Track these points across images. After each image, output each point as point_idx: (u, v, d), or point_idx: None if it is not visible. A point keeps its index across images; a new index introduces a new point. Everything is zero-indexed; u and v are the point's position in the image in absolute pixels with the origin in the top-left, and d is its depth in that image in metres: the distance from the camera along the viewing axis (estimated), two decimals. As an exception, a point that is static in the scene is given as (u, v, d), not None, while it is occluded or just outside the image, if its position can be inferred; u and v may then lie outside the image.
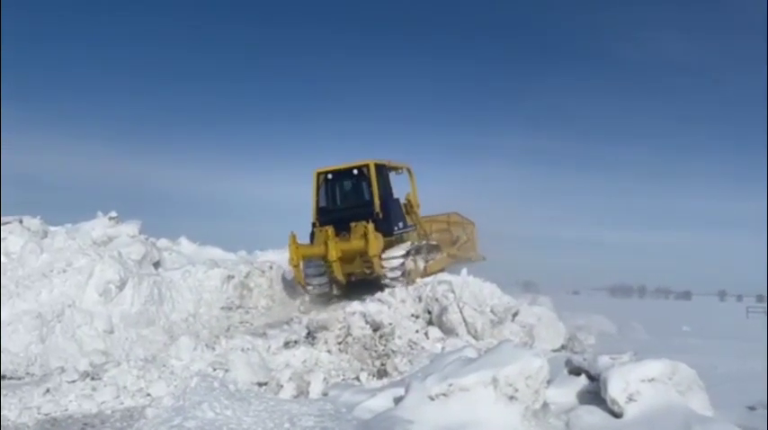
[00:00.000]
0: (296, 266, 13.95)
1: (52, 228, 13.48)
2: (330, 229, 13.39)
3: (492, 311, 11.88)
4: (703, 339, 14.12)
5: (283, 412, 6.61)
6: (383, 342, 10.08)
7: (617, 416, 5.51)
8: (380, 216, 14.05)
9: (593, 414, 5.61)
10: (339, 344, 9.89)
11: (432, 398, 5.67)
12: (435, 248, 16.46)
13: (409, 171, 16.44)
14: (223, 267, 14.05)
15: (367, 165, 14.54)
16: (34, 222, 12.87)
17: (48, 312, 10.43)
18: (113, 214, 14.57)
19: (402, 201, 15.92)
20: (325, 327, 10.21)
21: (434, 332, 11.21)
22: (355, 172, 14.59)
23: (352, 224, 13.64)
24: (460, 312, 11.48)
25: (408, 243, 14.85)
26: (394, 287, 12.99)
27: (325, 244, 13.30)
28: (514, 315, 11.89)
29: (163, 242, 16.14)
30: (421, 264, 14.91)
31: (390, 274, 13.49)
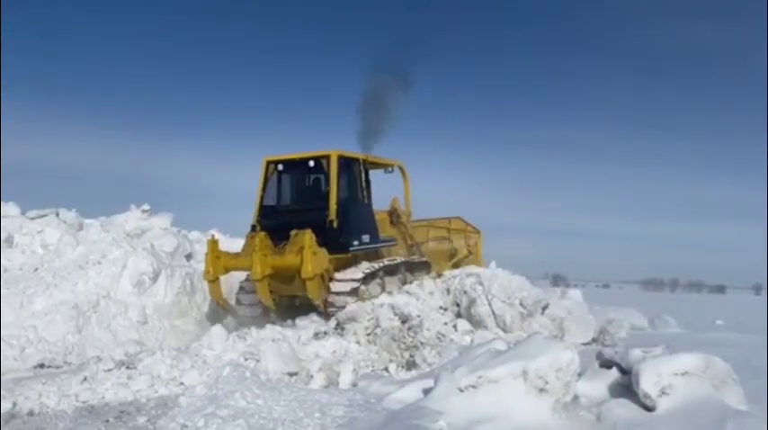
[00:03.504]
0: (212, 282, 11.02)
1: (87, 221, 13.76)
2: (259, 237, 10.48)
3: (521, 304, 11.80)
4: (737, 333, 13.80)
5: (314, 402, 6.70)
6: (411, 334, 10.08)
7: (649, 409, 5.45)
8: (335, 224, 10.95)
9: (624, 407, 5.55)
10: (368, 335, 9.91)
11: (461, 390, 5.68)
12: (421, 267, 13.14)
13: (402, 170, 13.57)
14: (253, 259, 14.14)
15: (327, 157, 11.40)
16: (70, 215, 13.16)
17: (84, 303, 10.66)
18: (146, 207, 14.77)
19: (386, 208, 13.23)
20: (353, 319, 10.24)
21: (463, 324, 11.20)
22: (311, 164, 11.44)
23: (293, 232, 10.54)
24: (489, 304, 11.43)
25: (377, 262, 11.77)
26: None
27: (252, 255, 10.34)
28: (544, 308, 11.81)
29: (194, 234, 16.32)
30: (394, 290, 11.71)
31: (338, 303, 10.47)
